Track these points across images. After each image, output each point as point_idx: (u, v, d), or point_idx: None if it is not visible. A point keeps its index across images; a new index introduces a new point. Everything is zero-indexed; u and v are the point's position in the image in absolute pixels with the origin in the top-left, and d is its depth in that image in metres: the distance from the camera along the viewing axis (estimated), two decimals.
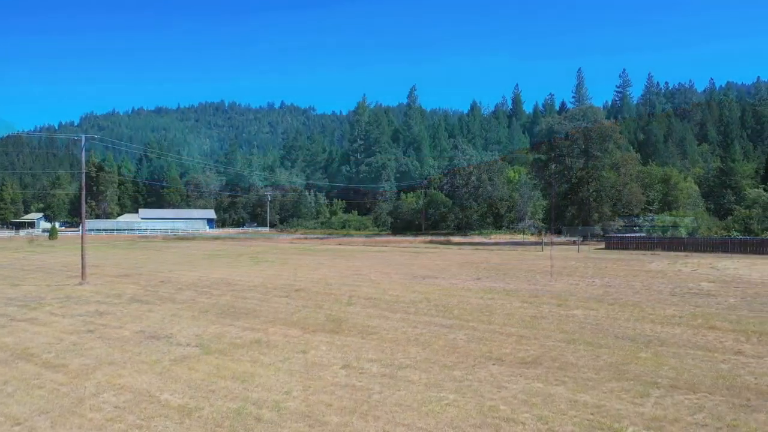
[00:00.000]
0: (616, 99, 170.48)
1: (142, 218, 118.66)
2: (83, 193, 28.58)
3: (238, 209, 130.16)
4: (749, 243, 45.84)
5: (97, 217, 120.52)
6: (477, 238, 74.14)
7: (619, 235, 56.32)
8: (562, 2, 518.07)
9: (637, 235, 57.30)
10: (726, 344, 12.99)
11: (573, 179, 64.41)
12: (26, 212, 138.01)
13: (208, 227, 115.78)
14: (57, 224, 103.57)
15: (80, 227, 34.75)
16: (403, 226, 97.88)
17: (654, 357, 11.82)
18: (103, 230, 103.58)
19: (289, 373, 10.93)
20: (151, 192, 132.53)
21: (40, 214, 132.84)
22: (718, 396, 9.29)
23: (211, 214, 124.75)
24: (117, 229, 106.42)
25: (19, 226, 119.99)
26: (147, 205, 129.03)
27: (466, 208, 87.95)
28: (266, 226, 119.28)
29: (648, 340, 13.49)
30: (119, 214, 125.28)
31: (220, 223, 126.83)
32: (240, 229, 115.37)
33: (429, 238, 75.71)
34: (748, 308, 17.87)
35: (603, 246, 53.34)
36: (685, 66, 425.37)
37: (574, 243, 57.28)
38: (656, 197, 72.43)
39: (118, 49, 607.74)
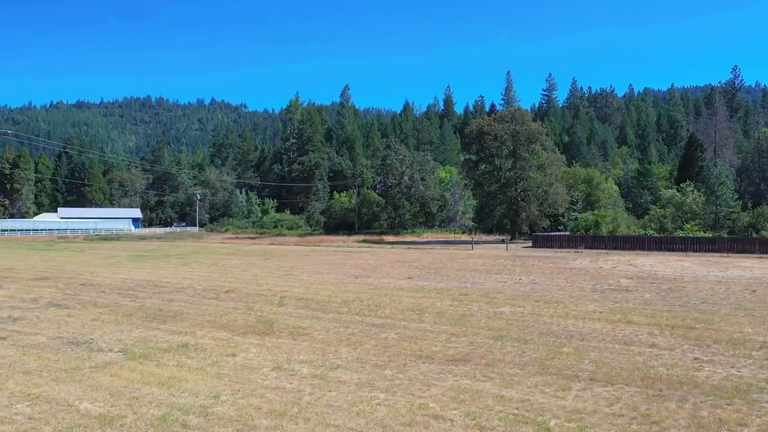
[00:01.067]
0: (543, 102, 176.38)
1: (61, 218, 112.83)
2: None
3: (165, 208, 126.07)
4: (664, 240, 48.56)
5: (12, 216, 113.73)
6: (409, 237, 74.93)
7: (546, 233, 58.36)
8: (491, 5, 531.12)
9: (562, 233, 59.59)
10: (641, 338, 13.71)
11: (502, 179, 66.15)
12: None
13: (133, 227, 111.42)
14: None
15: None
16: (336, 225, 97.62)
17: (575, 351, 12.33)
18: (18, 230, 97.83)
19: (217, 377, 10.70)
20: (72, 190, 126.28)
21: None
22: (633, 387, 9.79)
23: (136, 213, 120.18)
24: (34, 230, 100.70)
25: None
26: (67, 204, 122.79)
27: (398, 208, 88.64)
28: (195, 225, 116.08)
29: (570, 335, 14.06)
30: (36, 214, 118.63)
31: (146, 222, 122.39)
32: (167, 229, 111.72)
33: (362, 237, 75.87)
34: (662, 303, 18.93)
35: (530, 244, 55.11)
36: (607, 71, 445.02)
37: (503, 241, 58.90)
38: (580, 197, 75.47)
39: (35, 39, 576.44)
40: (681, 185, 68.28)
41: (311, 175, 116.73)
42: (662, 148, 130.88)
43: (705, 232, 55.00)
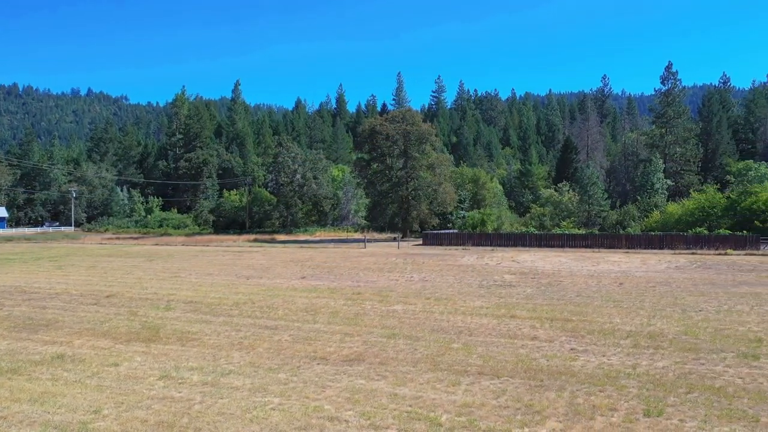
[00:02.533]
0: (432, 103, 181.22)
1: None
2: None
3: (36, 207, 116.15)
4: (543, 237, 51.67)
5: None
6: (302, 236, 74.37)
7: (435, 231, 60.17)
8: (381, 5, 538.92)
9: (451, 231, 61.69)
10: (524, 331, 14.52)
11: (393, 178, 67.38)
12: None
13: None
14: None
15: None
16: (227, 224, 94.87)
17: (464, 347, 12.83)
18: None
19: (98, 389, 10.06)
20: None
21: None
22: (517, 379, 10.36)
23: (1, 212, 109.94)
24: None
25: None
26: None
27: (291, 206, 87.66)
28: (71, 225, 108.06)
29: (459, 331, 14.61)
30: None
31: (13, 222, 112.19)
32: (38, 229, 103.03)
33: (253, 236, 74.25)
34: (542, 297, 20.15)
35: (421, 242, 56.54)
36: (492, 75, 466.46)
37: (395, 239, 60.01)
38: (467, 196, 78.47)
39: None
40: (558, 185, 72.91)
41: (199, 173, 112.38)
42: (541, 150, 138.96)
43: (579, 229, 59.11)
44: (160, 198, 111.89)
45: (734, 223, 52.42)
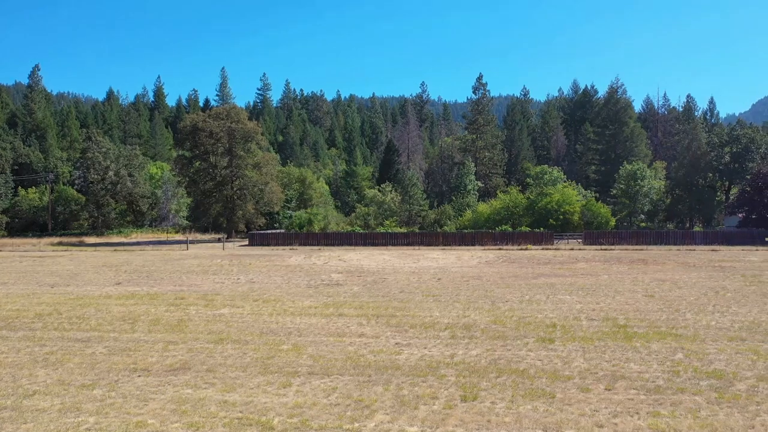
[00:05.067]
0: (258, 101, 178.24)
1: None
2: None
3: None
4: (368, 236, 53.50)
5: None
6: (116, 238, 68.91)
7: (262, 231, 59.35)
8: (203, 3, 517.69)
9: (278, 231, 61.31)
10: (352, 328, 14.96)
11: (218, 177, 65.21)
12: None
13: None
14: None
15: None
16: (24, 226, 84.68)
17: (294, 348, 12.89)
18: None
19: None
20: None
21: None
22: (347, 376, 10.66)
23: None
24: None
25: None
26: None
27: (102, 206, 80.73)
28: None
29: (289, 332, 14.63)
30: None
31: None
32: None
33: (58, 239, 67.12)
34: (368, 294, 20.89)
35: (247, 242, 55.41)
36: (317, 76, 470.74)
37: (220, 240, 58.13)
38: (294, 195, 78.54)
39: None
40: (381, 186, 75.92)
41: None
42: (366, 152, 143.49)
43: (401, 228, 62.18)
44: None
45: (533, 220, 58.77)
